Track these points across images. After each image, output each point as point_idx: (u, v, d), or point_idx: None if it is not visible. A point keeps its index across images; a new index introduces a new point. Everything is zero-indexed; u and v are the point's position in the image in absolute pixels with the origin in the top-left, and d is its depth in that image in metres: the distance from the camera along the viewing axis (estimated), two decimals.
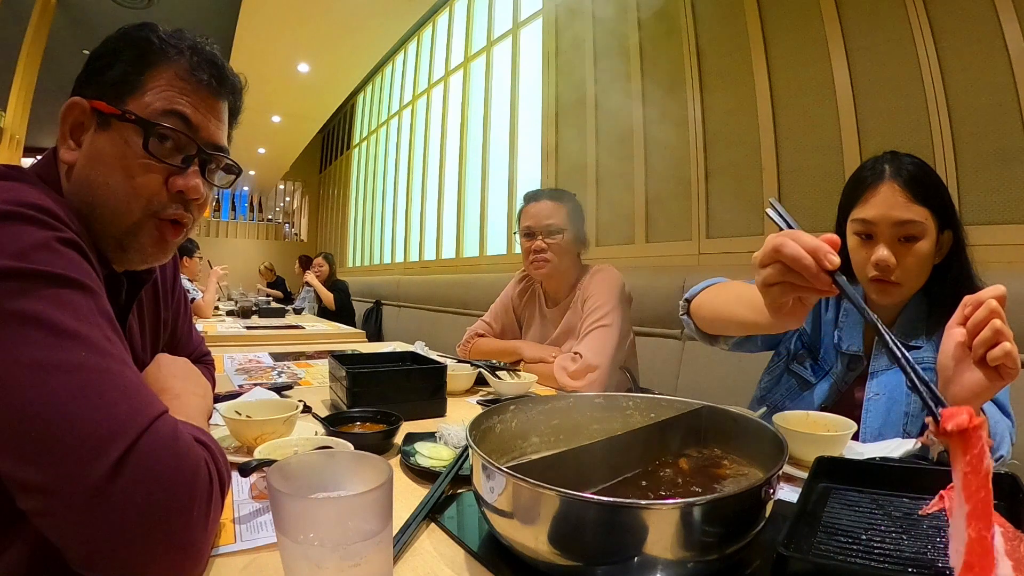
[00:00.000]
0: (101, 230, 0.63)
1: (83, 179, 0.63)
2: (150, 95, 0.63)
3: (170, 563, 0.45)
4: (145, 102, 0.63)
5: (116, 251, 0.65)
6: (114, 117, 0.62)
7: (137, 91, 0.63)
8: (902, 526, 0.55)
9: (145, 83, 0.63)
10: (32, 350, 0.44)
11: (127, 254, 0.66)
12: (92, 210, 0.63)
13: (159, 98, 0.63)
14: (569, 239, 1.59)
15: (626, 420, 0.74)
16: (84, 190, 0.63)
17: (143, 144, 0.62)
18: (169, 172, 0.64)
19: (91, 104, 0.63)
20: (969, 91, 1.67)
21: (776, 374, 1.16)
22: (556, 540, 0.46)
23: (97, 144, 0.63)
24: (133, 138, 0.62)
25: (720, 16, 2.40)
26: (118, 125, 0.62)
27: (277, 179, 10.70)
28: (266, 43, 5.36)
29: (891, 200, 0.94)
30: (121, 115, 0.62)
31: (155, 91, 0.63)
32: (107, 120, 0.62)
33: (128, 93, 0.63)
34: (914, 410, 0.94)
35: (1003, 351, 0.65)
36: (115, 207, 0.63)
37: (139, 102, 0.63)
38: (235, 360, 1.68)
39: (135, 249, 0.66)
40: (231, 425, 0.82)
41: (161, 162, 0.63)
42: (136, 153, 0.62)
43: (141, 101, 0.63)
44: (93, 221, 0.63)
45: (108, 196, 0.62)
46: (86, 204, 0.63)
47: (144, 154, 0.62)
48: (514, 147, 3.82)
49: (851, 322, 1.06)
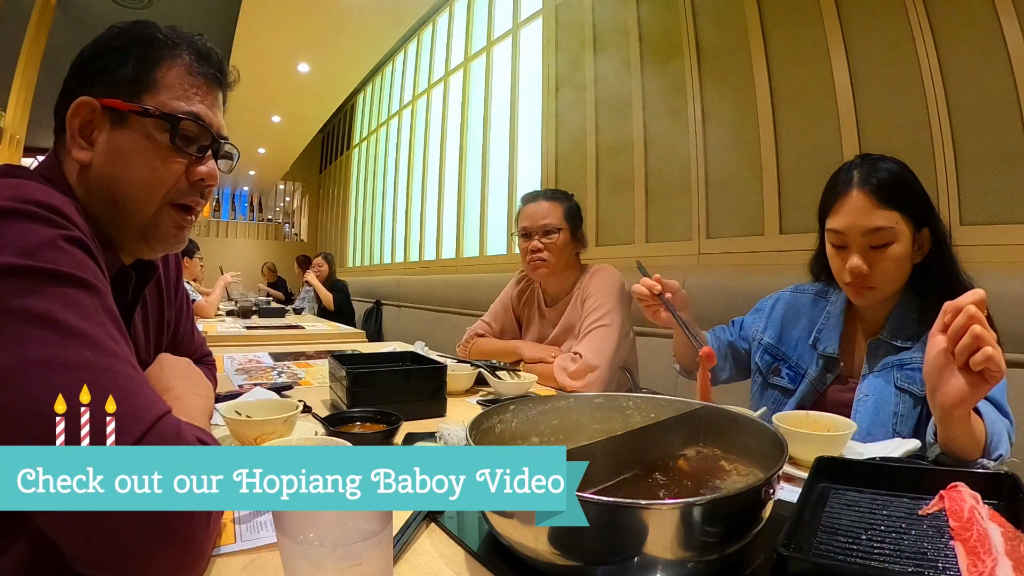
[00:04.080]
0: (123, 223, 0.66)
1: (103, 175, 0.64)
2: (166, 92, 0.66)
3: (171, 563, 0.45)
4: (162, 99, 0.65)
5: (138, 242, 0.68)
6: (134, 113, 0.64)
7: (152, 88, 0.65)
8: (902, 526, 0.55)
9: (159, 80, 0.66)
10: (37, 348, 0.44)
11: (149, 244, 0.69)
12: (114, 205, 0.65)
13: (176, 95, 0.66)
14: (566, 238, 1.59)
15: (626, 420, 0.74)
16: (105, 186, 0.64)
17: (170, 138, 0.65)
18: (190, 161, 0.68)
19: (102, 102, 0.63)
20: (969, 91, 1.67)
21: (758, 393, 1.19)
22: (556, 540, 0.46)
23: (116, 141, 0.64)
24: (157, 132, 0.65)
25: (720, 16, 2.40)
26: (138, 121, 0.64)
27: (277, 179, 10.69)
28: (266, 43, 5.36)
29: (859, 209, 0.95)
30: (143, 112, 0.64)
31: (171, 88, 0.66)
32: (123, 117, 0.64)
33: (144, 90, 0.65)
34: (903, 410, 0.95)
35: (984, 356, 0.66)
36: (139, 198, 0.65)
37: (156, 98, 0.65)
38: (235, 360, 1.68)
39: (158, 238, 0.68)
40: (231, 425, 0.83)
41: (185, 154, 0.67)
42: (162, 146, 0.65)
43: (158, 97, 0.65)
44: (115, 215, 0.65)
45: (131, 189, 0.65)
46: (107, 200, 0.64)
47: (171, 146, 0.65)
48: (514, 147, 3.82)
49: (830, 326, 1.09)
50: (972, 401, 0.71)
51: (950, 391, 0.70)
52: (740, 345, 1.25)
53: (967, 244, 1.04)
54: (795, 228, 2.10)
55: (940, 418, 0.74)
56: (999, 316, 0.84)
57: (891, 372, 0.98)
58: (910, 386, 0.95)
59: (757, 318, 1.23)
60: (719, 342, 1.25)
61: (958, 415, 0.72)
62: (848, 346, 1.07)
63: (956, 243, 1.00)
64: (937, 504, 0.57)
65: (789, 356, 1.13)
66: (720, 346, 1.25)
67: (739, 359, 1.26)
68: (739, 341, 1.25)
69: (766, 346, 1.17)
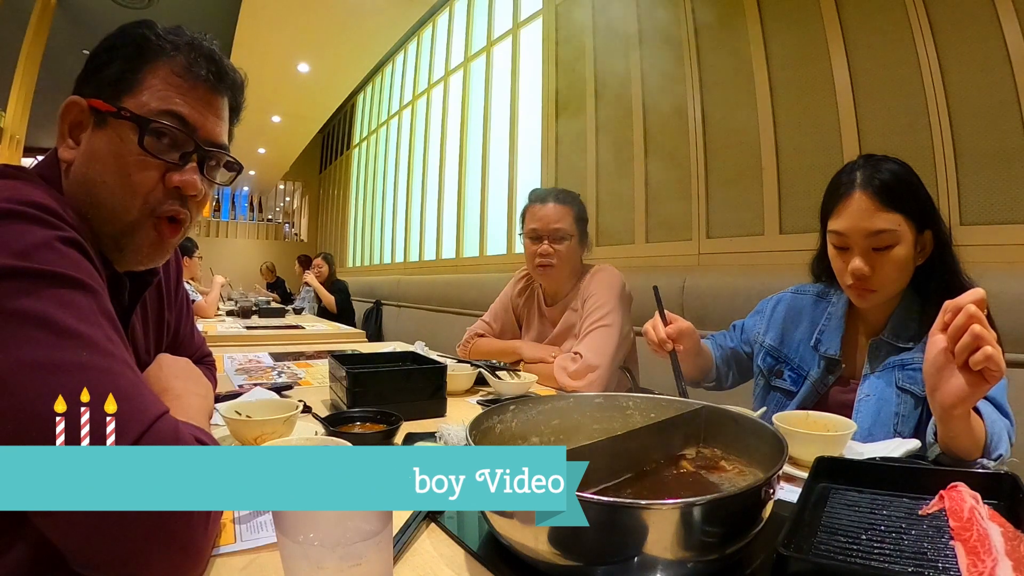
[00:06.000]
0: (99, 229, 0.63)
1: (81, 177, 0.63)
2: (147, 93, 0.63)
3: (170, 563, 0.45)
4: (142, 100, 0.62)
5: (114, 251, 0.65)
6: (110, 115, 0.62)
7: (134, 89, 0.63)
8: (902, 526, 0.55)
9: (142, 81, 0.63)
10: (34, 350, 0.44)
11: (124, 254, 0.65)
12: (90, 208, 0.62)
13: (156, 96, 0.63)
14: (575, 244, 1.59)
15: (626, 420, 0.74)
16: (82, 188, 0.63)
17: (138, 141, 0.61)
18: (166, 168, 0.64)
19: (89, 102, 0.63)
20: (969, 91, 1.67)
21: (761, 395, 1.19)
22: (556, 540, 0.46)
23: (94, 142, 0.62)
24: (129, 135, 0.62)
25: (720, 16, 2.40)
26: (115, 123, 0.62)
27: (277, 179, 10.70)
28: (266, 43, 5.36)
29: (862, 211, 0.94)
30: (117, 112, 0.61)
31: (152, 89, 0.63)
32: (104, 118, 0.62)
33: (125, 91, 0.63)
34: (904, 411, 0.95)
35: (984, 355, 0.66)
36: (112, 205, 0.62)
37: (136, 100, 0.62)
38: (235, 360, 1.68)
39: (131, 249, 0.65)
40: (231, 425, 0.83)
41: (157, 158, 0.63)
42: (132, 150, 0.62)
43: (138, 99, 0.62)
44: (92, 220, 0.62)
45: (105, 194, 0.62)
46: (84, 203, 0.62)
47: (140, 151, 0.62)
48: (514, 147, 3.82)
49: (831, 327, 1.08)
50: (971, 401, 0.71)
51: (950, 390, 0.70)
52: (743, 349, 1.25)
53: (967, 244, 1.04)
54: (795, 228, 2.10)
55: (940, 417, 0.75)
56: (999, 316, 0.84)
57: (892, 372, 0.98)
58: (911, 386, 0.95)
59: (758, 320, 1.23)
60: (721, 350, 1.25)
61: (958, 414, 0.72)
62: (850, 347, 1.07)
63: (956, 243, 1.00)
64: (937, 504, 0.57)
65: (791, 358, 1.13)
66: (723, 354, 1.24)
67: (742, 364, 1.26)
68: (741, 345, 1.25)
69: (768, 348, 1.17)
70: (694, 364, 1.16)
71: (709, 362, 1.20)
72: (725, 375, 1.25)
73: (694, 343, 1.12)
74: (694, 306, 2.11)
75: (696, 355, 1.15)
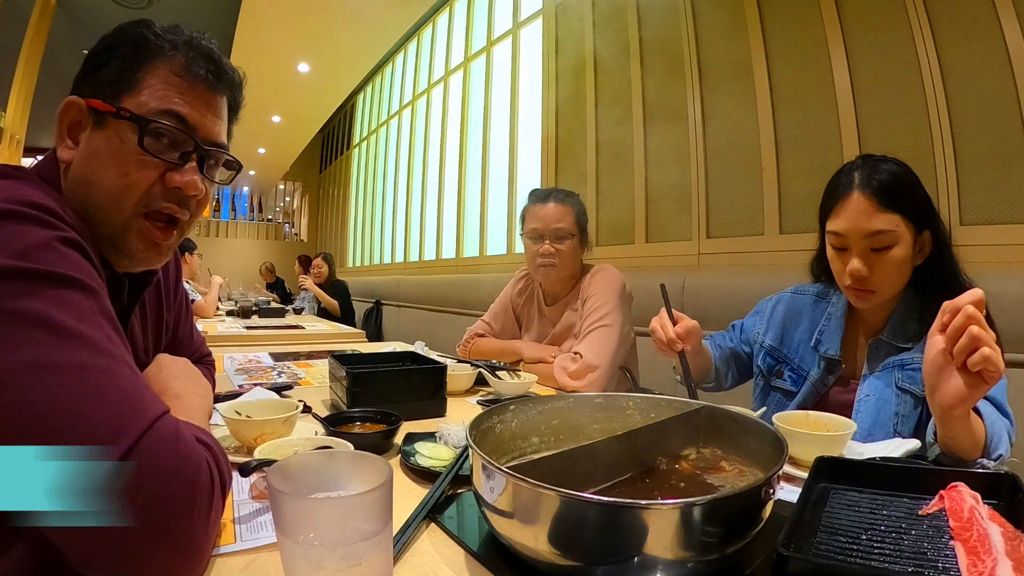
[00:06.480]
0: (96, 229, 0.63)
1: (79, 177, 0.63)
2: (146, 93, 0.63)
3: (171, 563, 0.45)
4: (141, 100, 0.62)
5: (110, 252, 0.65)
6: (109, 115, 0.61)
7: (133, 88, 0.63)
8: (902, 526, 0.55)
9: (141, 80, 0.63)
10: (33, 350, 0.44)
11: (119, 255, 0.65)
12: (87, 208, 0.62)
13: (155, 96, 0.63)
14: (576, 244, 1.60)
15: (626, 420, 0.74)
16: (80, 188, 0.63)
17: (138, 141, 0.61)
18: (165, 168, 0.64)
19: (87, 102, 0.63)
20: (969, 91, 1.67)
21: (761, 395, 1.19)
22: (556, 540, 0.46)
23: (93, 142, 0.62)
24: (128, 135, 0.61)
25: (720, 16, 2.40)
26: (114, 123, 0.62)
27: (277, 179, 10.70)
28: (266, 43, 5.36)
29: (860, 211, 0.94)
30: (116, 112, 0.61)
31: (151, 88, 0.63)
32: (103, 118, 0.62)
33: (124, 91, 0.62)
34: (904, 411, 0.95)
35: (982, 356, 0.66)
36: (108, 204, 0.62)
37: (135, 99, 0.62)
38: (235, 360, 1.68)
39: (125, 251, 0.65)
40: (231, 425, 0.82)
41: (157, 158, 0.63)
42: (132, 150, 0.61)
43: (137, 99, 0.62)
44: (89, 220, 0.62)
45: (102, 194, 0.62)
46: (82, 202, 0.62)
47: (139, 151, 0.61)
48: (514, 147, 3.82)
49: (831, 327, 1.08)
50: (971, 401, 0.71)
51: (948, 391, 0.71)
52: (742, 350, 1.25)
53: (967, 244, 1.04)
54: (795, 228, 2.10)
55: (939, 418, 0.75)
56: (999, 316, 0.84)
57: (892, 373, 0.98)
58: (911, 387, 0.95)
59: (757, 320, 1.23)
60: (720, 351, 1.25)
61: (957, 415, 0.72)
62: (850, 347, 1.07)
63: (956, 243, 1.00)
64: (937, 504, 0.57)
65: (791, 358, 1.13)
66: (722, 354, 1.24)
67: (742, 364, 1.26)
68: (740, 346, 1.25)
69: (768, 348, 1.17)
70: (695, 364, 1.16)
71: (708, 362, 1.21)
72: (724, 375, 1.25)
73: (698, 342, 1.12)
74: (694, 306, 2.10)
75: (697, 355, 1.15)
